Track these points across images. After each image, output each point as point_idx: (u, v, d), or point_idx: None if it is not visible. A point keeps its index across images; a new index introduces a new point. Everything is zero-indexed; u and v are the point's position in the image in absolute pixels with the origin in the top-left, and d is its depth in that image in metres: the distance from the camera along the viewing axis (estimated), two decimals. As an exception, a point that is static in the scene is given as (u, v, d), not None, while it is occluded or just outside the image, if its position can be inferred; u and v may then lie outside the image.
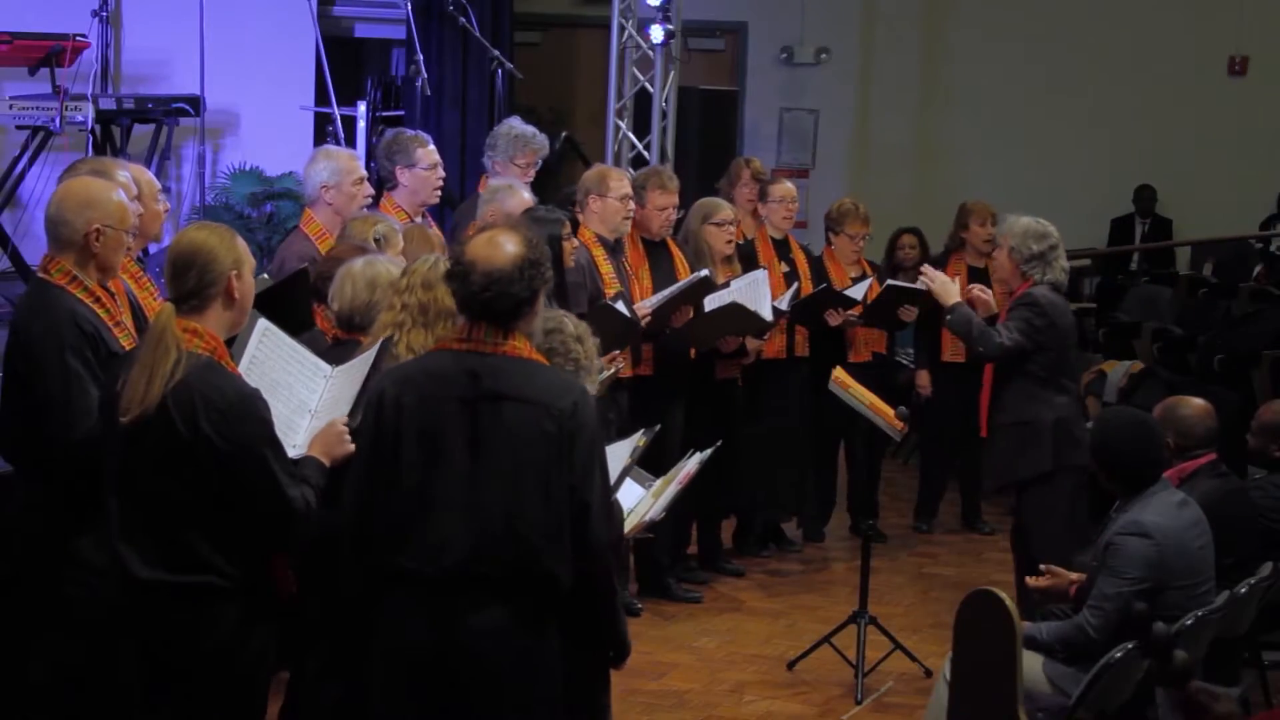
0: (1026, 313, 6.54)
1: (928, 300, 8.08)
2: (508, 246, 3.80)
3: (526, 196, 6.73)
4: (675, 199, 7.32)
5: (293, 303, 4.99)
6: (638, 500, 4.72)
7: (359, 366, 4.17)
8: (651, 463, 5.72)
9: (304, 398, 4.22)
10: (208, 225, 4.04)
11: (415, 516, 3.77)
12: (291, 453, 4.05)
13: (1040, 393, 6.45)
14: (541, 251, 3.86)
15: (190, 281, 3.88)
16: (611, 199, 6.93)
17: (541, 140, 7.43)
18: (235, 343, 4.17)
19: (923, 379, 8.62)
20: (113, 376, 3.97)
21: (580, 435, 3.77)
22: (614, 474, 4.13)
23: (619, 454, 4.24)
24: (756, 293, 7.20)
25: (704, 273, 7.04)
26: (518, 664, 3.77)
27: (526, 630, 3.78)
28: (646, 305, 6.91)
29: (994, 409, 6.61)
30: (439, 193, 6.70)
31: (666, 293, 6.98)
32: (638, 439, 4.26)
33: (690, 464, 4.89)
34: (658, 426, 4.45)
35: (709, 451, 4.97)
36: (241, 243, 4.00)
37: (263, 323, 4.28)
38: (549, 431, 3.75)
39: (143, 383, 3.78)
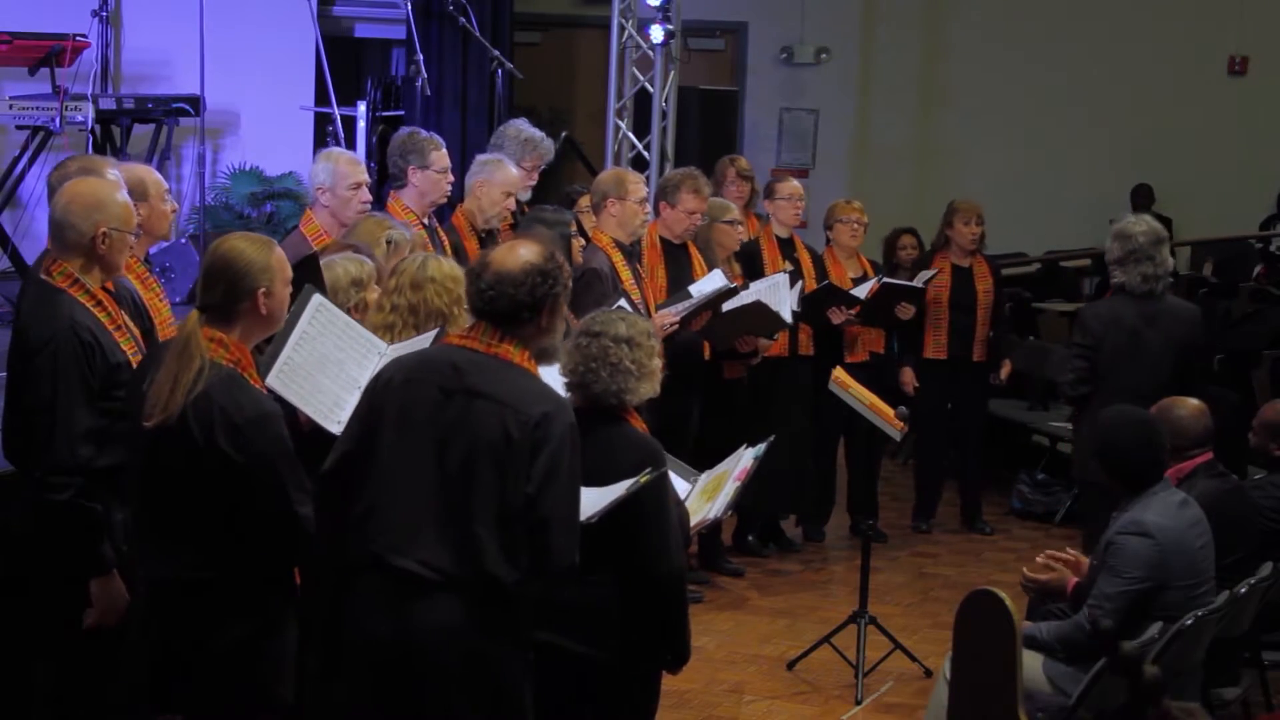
0: (1078, 332, 6.70)
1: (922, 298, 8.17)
2: (524, 254, 3.88)
3: (512, 170, 6.71)
4: (706, 205, 7.29)
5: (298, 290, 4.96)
6: (684, 495, 4.68)
7: (416, 344, 4.18)
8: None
9: (354, 374, 4.22)
10: (247, 236, 4.04)
11: (384, 501, 3.81)
12: (335, 429, 4.08)
13: (1103, 402, 6.41)
14: (557, 267, 3.90)
15: (218, 293, 3.91)
16: (631, 202, 6.90)
17: (548, 145, 7.41)
18: (289, 316, 4.16)
19: (907, 376, 8.61)
20: (137, 377, 4.02)
21: (544, 447, 3.76)
22: (605, 503, 4.10)
23: (617, 487, 4.22)
24: (778, 295, 7.19)
25: (732, 284, 7.03)
26: (466, 662, 3.78)
27: (477, 629, 3.78)
28: (671, 312, 6.88)
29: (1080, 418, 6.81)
30: (447, 196, 6.68)
31: (692, 302, 6.94)
32: (641, 476, 4.22)
33: (745, 460, 4.86)
34: (664, 469, 4.39)
35: (763, 446, 4.94)
36: (278, 256, 3.99)
37: (317, 298, 4.28)
38: (513, 436, 3.75)
39: (167, 388, 3.81)
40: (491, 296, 3.85)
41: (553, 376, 4.52)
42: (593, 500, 4.06)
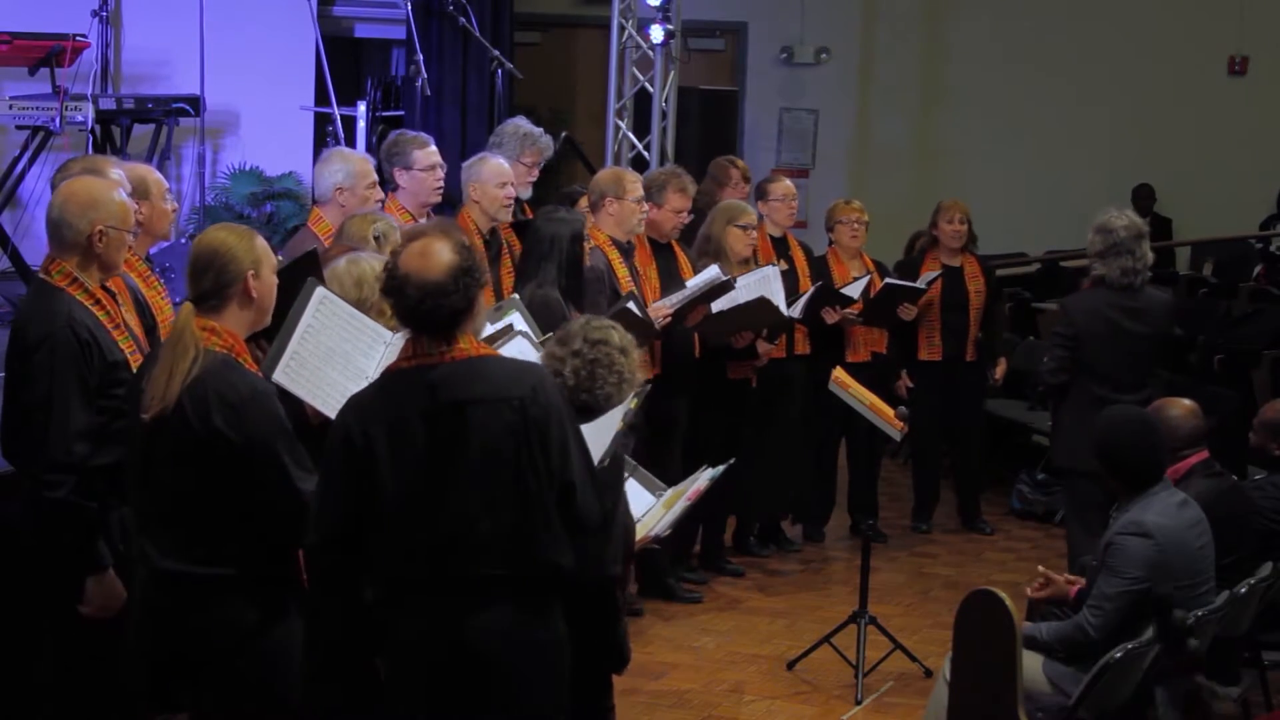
0: (1059, 323, 6.87)
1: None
2: (441, 256, 3.74)
3: (497, 160, 6.74)
4: (690, 203, 7.32)
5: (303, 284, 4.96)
6: (648, 509, 4.68)
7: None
8: (656, 464, 5.71)
9: (361, 365, 4.22)
10: (227, 226, 4.10)
11: (406, 535, 3.76)
12: None
13: (1081, 400, 6.64)
14: (474, 257, 3.82)
15: (208, 282, 3.95)
16: (629, 201, 6.92)
17: (547, 140, 7.43)
18: (292, 311, 4.18)
19: (901, 381, 8.56)
20: (138, 374, 4.06)
21: (547, 418, 3.76)
22: (607, 441, 4.10)
23: (611, 420, 4.21)
24: (767, 289, 7.20)
25: (725, 276, 7.05)
26: (526, 660, 3.78)
27: (532, 625, 3.79)
28: (666, 305, 6.90)
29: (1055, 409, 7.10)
30: (439, 193, 6.69)
31: (686, 293, 6.97)
32: (629, 402, 4.23)
33: (701, 480, 4.86)
34: (648, 386, 4.43)
35: (721, 468, 4.95)
36: (261, 243, 4.05)
37: (320, 291, 4.28)
38: (513, 423, 3.73)
39: (163, 380, 3.85)
40: (426, 310, 3.73)
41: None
42: (594, 442, 4.05)
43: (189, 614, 3.89)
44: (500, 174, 6.69)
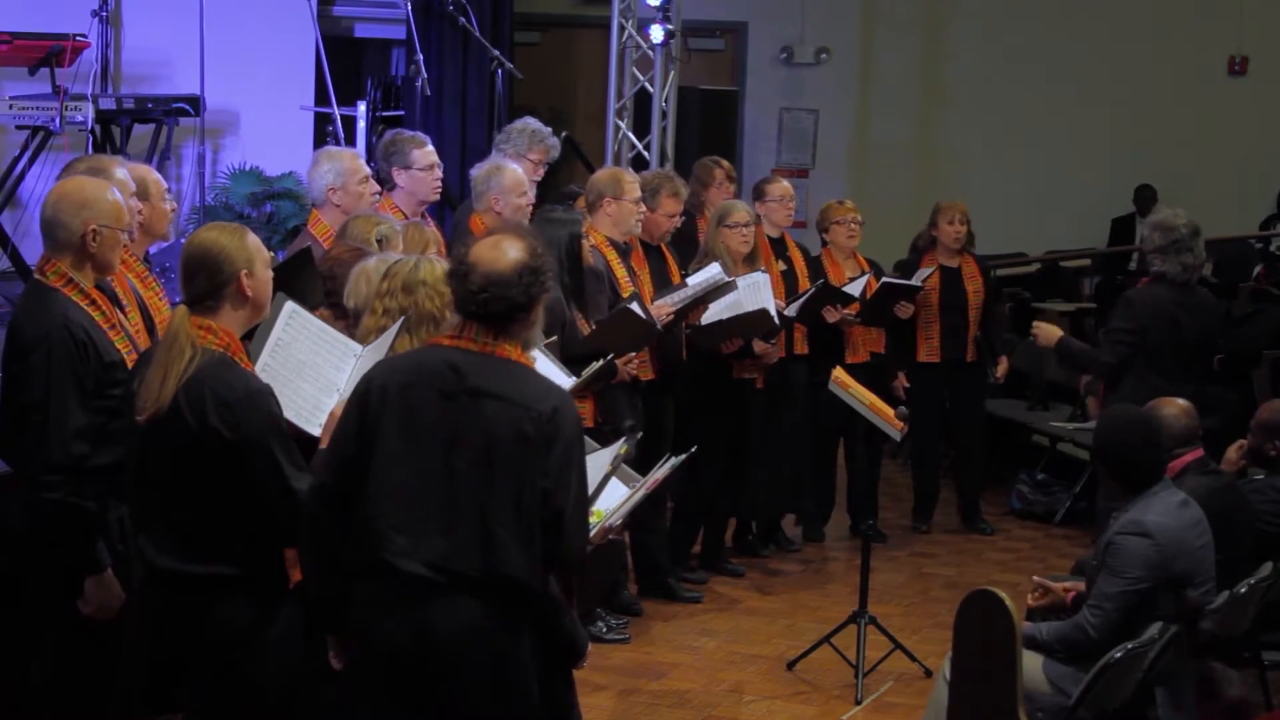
0: (1120, 315, 6.92)
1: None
2: (511, 252, 3.80)
3: (513, 168, 6.76)
4: (682, 207, 7.33)
5: (298, 282, 4.97)
6: (621, 499, 4.68)
7: (386, 343, 4.18)
8: (646, 466, 5.70)
9: (332, 378, 4.23)
10: (218, 225, 4.08)
11: (391, 508, 3.76)
12: (316, 431, 4.10)
13: (1139, 390, 6.57)
14: (545, 261, 3.85)
15: (201, 283, 3.94)
16: (627, 201, 6.93)
17: (554, 141, 7.45)
18: (262, 325, 4.18)
19: (898, 381, 8.53)
20: (131, 375, 4.06)
21: (558, 440, 3.75)
22: (594, 482, 4.09)
23: (600, 461, 4.20)
24: (757, 296, 7.20)
25: (727, 277, 7.05)
26: (489, 664, 3.77)
27: (498, 630, 3.77)
28: (667, 303, 6.91)
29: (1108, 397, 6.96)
30: (437, 192, 6.70)
31: (687, 293, 6.97)
32: (619, 447, 4.22)
33: (661, 470, 4.86)
34: (639, 434, 4.42)
35: (683, 457, 4.95)
36: (253, 240, 4.03)
37: (290, 305, 4.29)
38: (526, 433, 3.73)
39: (158, 381, 3.85)
40: (486, 299, 3.77)
41: (547, 367, 4.49)
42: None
43: (187, 613, 3.90)
44: (521, 183, 6.72)
